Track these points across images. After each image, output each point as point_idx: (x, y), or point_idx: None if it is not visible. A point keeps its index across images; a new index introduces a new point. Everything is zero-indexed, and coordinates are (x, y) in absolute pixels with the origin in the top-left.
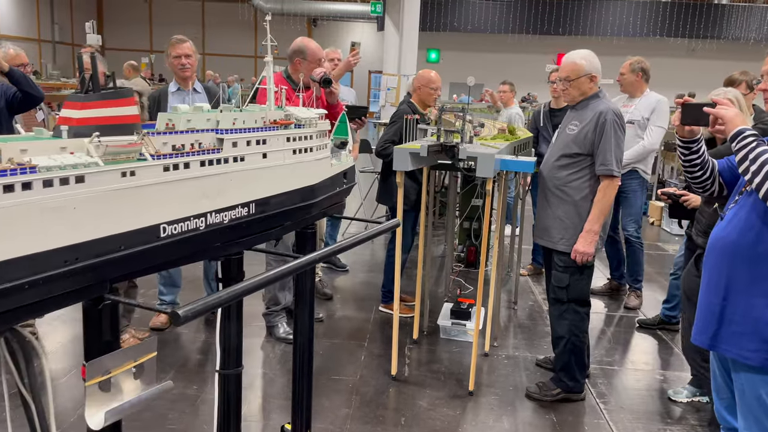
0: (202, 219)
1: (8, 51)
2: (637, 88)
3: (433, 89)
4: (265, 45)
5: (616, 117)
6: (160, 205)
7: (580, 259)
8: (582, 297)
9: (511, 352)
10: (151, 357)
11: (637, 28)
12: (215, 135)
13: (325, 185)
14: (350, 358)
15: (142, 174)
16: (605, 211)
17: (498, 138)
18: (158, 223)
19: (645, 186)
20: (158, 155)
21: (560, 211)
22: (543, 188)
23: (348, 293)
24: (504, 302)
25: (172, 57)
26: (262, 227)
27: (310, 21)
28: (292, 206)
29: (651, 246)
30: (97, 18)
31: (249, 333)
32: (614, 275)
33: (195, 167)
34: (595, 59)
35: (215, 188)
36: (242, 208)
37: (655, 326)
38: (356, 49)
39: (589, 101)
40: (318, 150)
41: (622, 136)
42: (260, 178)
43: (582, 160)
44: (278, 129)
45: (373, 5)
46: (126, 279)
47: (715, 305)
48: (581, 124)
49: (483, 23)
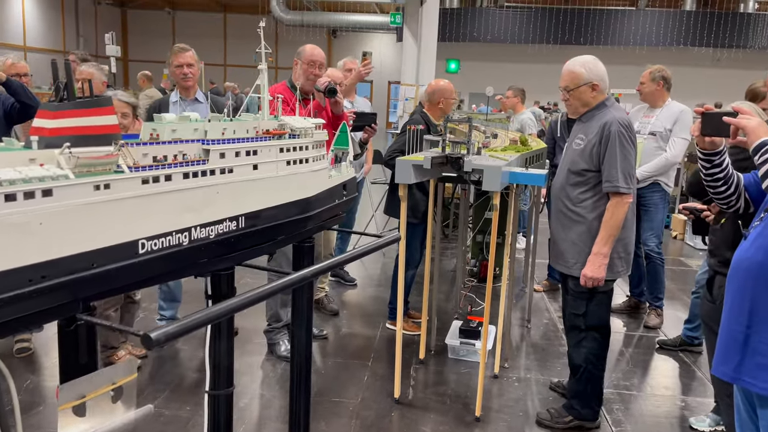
0: (185, 234)
1: (6, 61)
2: (658, 98)
3: (454, 100)
4: (259, 52)
5: (623, 128)
6: (138, 219)
7: (590, 285)
8: (601, 324)
9: (523, 374)
10: (131, 379)
11: (660, 37)
12: (201, 146)
13: (323, 197)
14: (353, 378)
15: (118, 187)
16: (614, 231)
17: (509, 149)
18: (136, 238)
19: (667, 199)
20: (136, 167)
21: (573, 233)
22: (554, 208)
23: (355, 309)
24: (517, 320)
25: (174, 66)
26: (253, 242)
27: (329, 32)
28: (285, 219)
29: (674, 261)
30: (122, 30)
31: (249, 350)
32: (634, 292)
33: (178, 179)
34: (596, 66)
35: (200, 201)
36: (230, 222)
37: (677, 348)
38: (368, 59)
39: (595, 112)
40: (314, 161)
41: (629, 147)
42: (250, 191)
43: (591, 176)
44: (271, 139)
45: (392, 16)
46: (102, 297)
47: (738, 333)
48: (587, 137)
49: (503, 33)
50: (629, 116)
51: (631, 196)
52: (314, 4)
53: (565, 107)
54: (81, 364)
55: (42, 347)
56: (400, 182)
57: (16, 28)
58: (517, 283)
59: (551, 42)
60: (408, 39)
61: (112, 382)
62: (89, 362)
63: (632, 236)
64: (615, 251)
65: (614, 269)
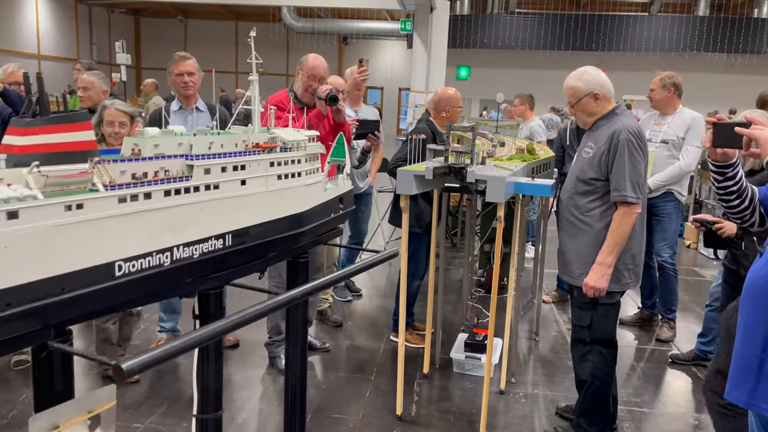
0: (166, 254)
1: (6, 69)
2: (668, 105)
3: (460, 107)
4: (250, 62)
5: (632, 136)
6: (114, 240)
7: (591, 294)
8: (607, 337)
9: (530, 390)
10: (110, 407)
11: (672, 43)
12: (185, 161)
13: (317, 212)
14: (354, 394)
15: (92, 207)
16: (620, 241)
17: (515, 158)
18: (112, 260)
19: (680, 208)
20: (113, 185)
21: (580, 242)
22: (562, 217)
23: (359, 320)
24: (524, 332)
25: (174, 74)
26: (242, 260)
27: (340, 40)
28: (277, 236)
29: (687, 271)
30: (135, 38)
31: (250, 363)
32: (646, 304)
33: (158, 197)
34: (594, 75)
35: (183, 220)
36: (216, 241)
37: (690, 362)
38: (363, 65)
39: (604, 121)
40: (308, 174)
41: (639, 156)
42: (238, 207)
43: (600, 185)
44: (260, 153)
45: (402, 23)
46: (76, 322)
47: (752, 357)
48: (596, 145)
49: (514, 40)
50: (639, 123)
51: (639, 206)
52: (325, 11)
53: (576, 121)
54: (56, 391)
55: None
56: (402, 193)
57: (30, 37)
58: (525, 294)
59: (562, 48)
60: (418, 46)
61: (89, 410)
62: (65, 390)
63: (641, 247)
64: (623, 262)
65: (621, 281)
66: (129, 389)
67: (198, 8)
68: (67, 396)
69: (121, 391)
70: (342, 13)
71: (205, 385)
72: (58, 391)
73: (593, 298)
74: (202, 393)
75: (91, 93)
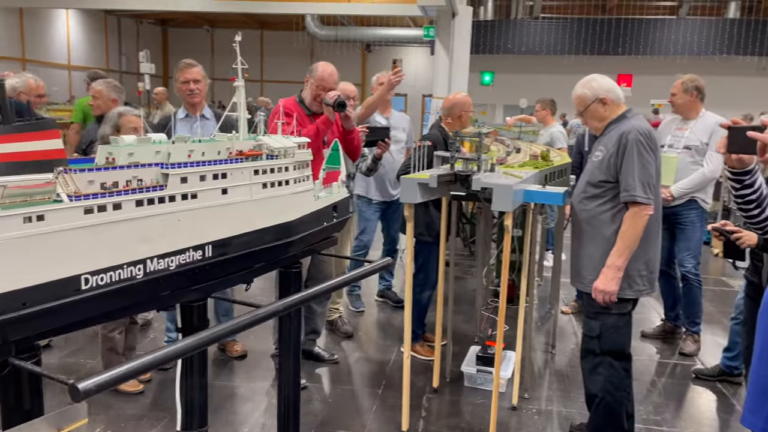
0: (139, 266)
1: (28, 81)
2: (691, 109)
3: (472, 113)
4: (235, 68)
5: (641, 135)
6: (80, 252)
7: (601, 299)
8: (618, 349)
9: (544, 406)
10: (80, 425)
11: (702, 46)
12: (160, 170)
13: (308, 221)
14: (360, 408)
15: (54, 218)
16: (631, 244)
17: (527, 165)
18: (78, 273)
19: (705, 216)
20: (77, 195)
21: (591, 247)
22: (574, 224)
23: (371, 331)
24: (541, 345)
25: (180, 82)
26: (224, 271)
27: (364, 47)
28: (263, 246)
29: (715, 281)
30: (162, 49)
31: (257, 376)
32: (669, 315)
33: (129, 207)
34: (599, 82)
35: (157, 230)
36: (195, 252)
37: (715, 378)
38: (398, 66)
39: (615, 124)
40: (297, 182)
41: (648, 156)
42: (219, 217)
43: (610, 188)
44: (243, 161)
45: (425, 29)
46: (41, 338)
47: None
48: (605, 148)
49: (538, 45)
50: (661, 128)
51: (650, 207)
52: (348, 19)
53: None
54: (25, 409)
55: None
56: (405, 201)
57: (61, 48)
58: (543, 305)
59: (587, 52)
60: (440, 52)
61: (57, 428)
62: (33, 408)
63: (656, 254)
64: (635, 268)
65: (635, 287)
66: (132, 400)
67: (223, 18)
68: (36, 414)
69: (124, 402)
70: (365, 20)
71: (190, 401)
72: (27, 409)
73: (604, 306)
74: (186, 409)
75: (100, 102)
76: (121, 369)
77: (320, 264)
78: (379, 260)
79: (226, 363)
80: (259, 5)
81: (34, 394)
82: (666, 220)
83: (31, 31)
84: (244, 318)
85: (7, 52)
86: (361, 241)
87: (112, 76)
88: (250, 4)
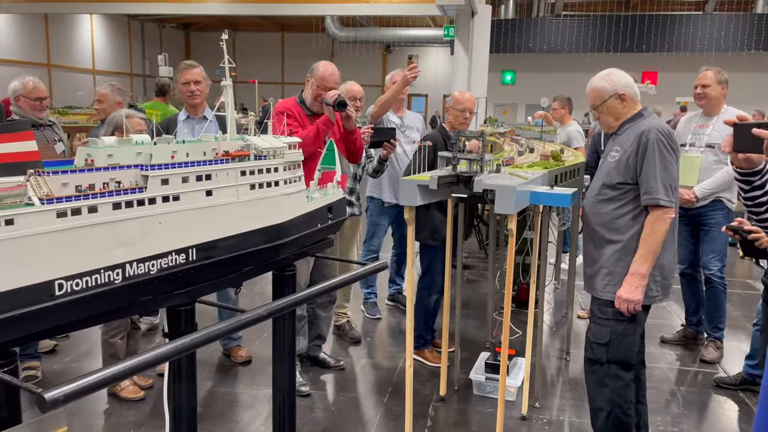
0: (117, 271)
1: (26, 83)
2: (719, 104)
3: (459, 111)
4: (222, 67)
5: (662, 135)
6: (53, 257)
7: (626, 308)
8: (626, 359)
9: (555, 416)
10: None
11: (729, 42)
12: (140, 172)
13: (299, 222)
14: (364, 416)
15: (24, 222)
16: (655, 249)
17: (536, 165)
18: (50, 279)
19: (730, 217)
20: (49, 199)
21: (607, 253)
22: (586, 227)
23: (380, 336)
24: (555, 351)
25: (180, 83)
26: (210, 275)
27: (384, 48)
28: (251, 249)
29: (741, 284)
30: (185, 52)
31: (260, 382)
32: (691, 321)
33: (106, 210)
34: (618, 76)
35: (136, 234)
36: (178, 255)
37: (737, 387)
38: (414, 62)
39: (630, 123)
40: (287, 184)
41: (670, 157)
42: (203, 219)
43: (628, 190)
44: (229, 162)
45: (446, 29)
46: (13, 345)
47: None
48: (622, 148)
49: (560, 43)
50: (680, 126)
51: (672, 210)
52: (368, 20)
53: (602, 127)
54: (2, 417)
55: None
56: (405, 204)
57: (85, 53)
58: (560, 309)
59: (611, 50)
60: (459, 51)
61: None
62: (11, 415)
63: (671, 258)
64: (650, 274)
65: (649, 293)
66: (133, 407)
67: (244, 21)
68: (14, 422)
69: (124, 408)
70: (385, 21)
71: (179, 406)
72: (5, 417)
73: (617, 313)
74: (175, 415)
75: (105, 105)
76: (91, 378)
77: (324, 268)
78: (372, 264)
79: (231, 369)
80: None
81: (11, 402)
82: (690, 222)
83: (56, 36)
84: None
85: (32, 57)
86: (372, 246)
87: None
88: (269, 6)
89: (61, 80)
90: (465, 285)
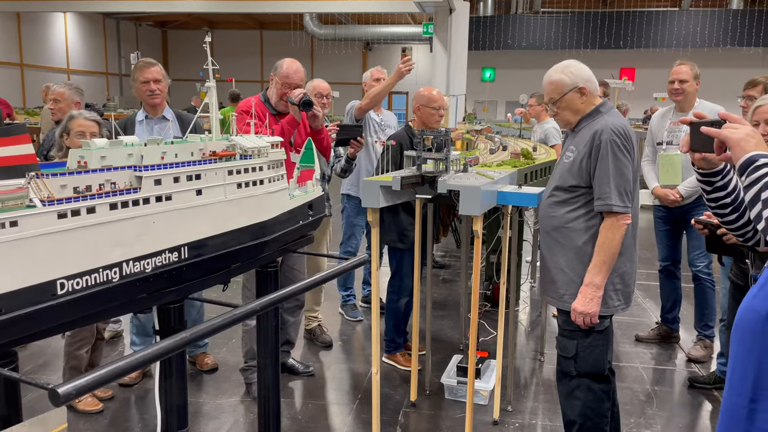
0: (115, 269)
1: None
2: (694, 99)
3: (434, 109)
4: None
5: (616, 135)
6: (55, 258)
7: (581, 322)
8: (596, 371)
9: (528, 420)
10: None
11: (705, 37)
12: (133, 173)
13: (283, 220)
14: (332, 424)
15: (27, 224)
16: (609, 258)
17: (506, 164)
18: (53, 278)
19: None
20: (51, 200)
21: (562, 259)
22: (541, 231)
23: (354, 340)
24: (529, 352)
25: (139, 82)
26: (201, 272)
27: (364, 45)
28: (238, 246)
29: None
30: (162, 51)
31: (225, 390)
32: (666, 318)
33: (103, 211)
34: (578, 68)
35: (132, 233)
36: (171, 254)
37: (710, 385)
38: (408, 55)
39: (587, 121)
40: (271, 182)
41: (625, 159)
42: (194, 218)
43: (582, 193)
44: (217, 161)
45: (425, 26)
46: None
47: (740, 408)
48: (577, 149)
49: (539, 40)
50: (653, 124)
51: (628, 216)
52: (347, 17)
53: (557, 122)
54: (2, 415)
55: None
56: (368, 206)
57: (59, 52)
58: (536, 309)
59: (589, 47)
60: (438, 48)
61: None
62: (10, 414)
63: (633, 266)
64: (610, 282)
65: (609, 303)
66: (91, 420)
67: (222, 18)
68: (14, 420)
69: (81, 422)
70: (364, 18)
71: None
72: (4, 416)
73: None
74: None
75: (62, 105)
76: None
77: (290, 272)
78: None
79: (195, 377)
80: (256, 4)
81: (12, 400)
82: (672, 220)
83: (29, 35)
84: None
85: (5, 57)
86: (349, 247)
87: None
88: (247, 3)
89: (35, 80)
90: (441, 285)
